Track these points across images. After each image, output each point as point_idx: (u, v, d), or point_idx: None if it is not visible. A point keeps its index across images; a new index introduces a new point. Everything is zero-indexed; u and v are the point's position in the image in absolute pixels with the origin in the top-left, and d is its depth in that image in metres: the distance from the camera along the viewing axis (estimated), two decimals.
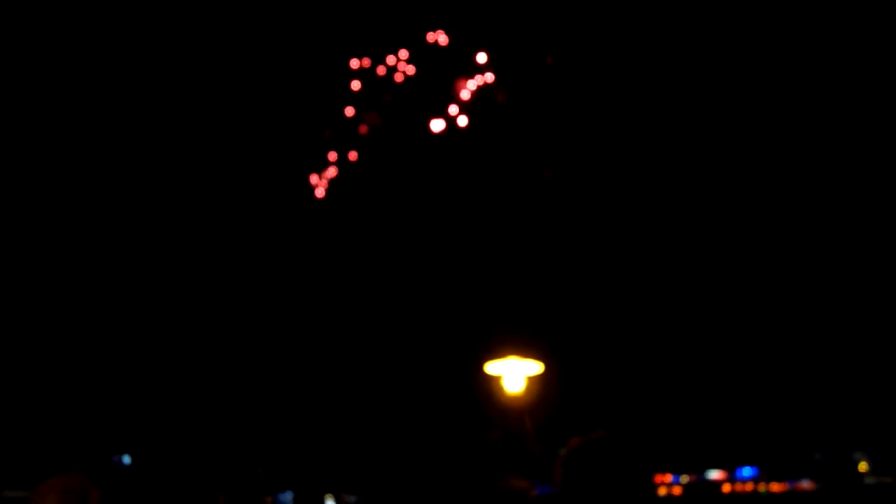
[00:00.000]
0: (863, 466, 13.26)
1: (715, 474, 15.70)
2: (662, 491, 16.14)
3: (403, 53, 12.00)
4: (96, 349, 12.59)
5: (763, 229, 12.82)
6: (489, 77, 12.17)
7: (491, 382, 11.33)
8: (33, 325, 12.36)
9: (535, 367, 11.45)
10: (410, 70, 12.22)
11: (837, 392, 13.05)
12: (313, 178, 12.30)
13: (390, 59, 12.11)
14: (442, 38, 12.34)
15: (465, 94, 12.30)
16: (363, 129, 12.44)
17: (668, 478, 16.24)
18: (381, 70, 12.13)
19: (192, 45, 11.67)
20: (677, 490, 16.02)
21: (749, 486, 15.31)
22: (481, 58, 11.99)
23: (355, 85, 12.10)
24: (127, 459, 12.90)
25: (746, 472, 14.45)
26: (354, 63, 11.95)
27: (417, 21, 12.06)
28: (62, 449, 12.53)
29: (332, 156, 12.22)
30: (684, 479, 16.21)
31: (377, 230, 12.48)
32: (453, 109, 12.23)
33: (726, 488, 15.64)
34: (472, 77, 12.16)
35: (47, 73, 11.47)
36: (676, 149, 12.40)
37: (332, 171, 12.37)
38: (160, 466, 12.55)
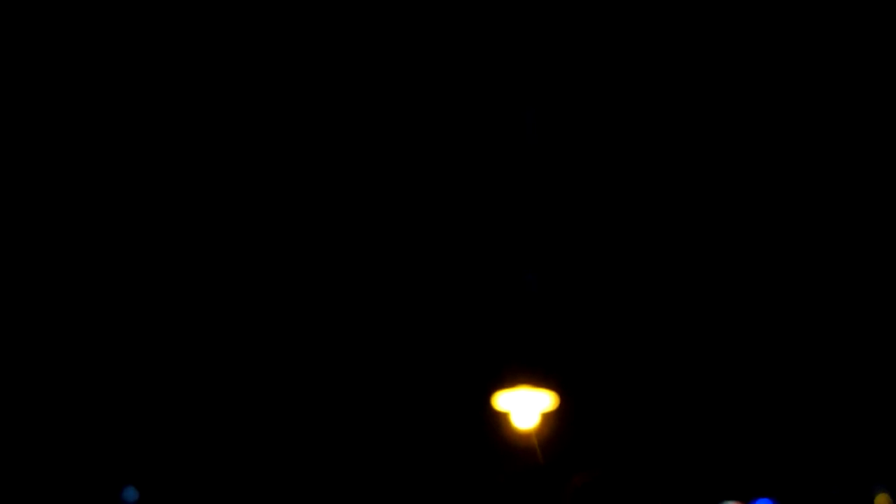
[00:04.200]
0: (882, 500, 13.08)
1: None
2: None
3: None
4: (102, 378, 12.53)
5: (779, 250, 12.74)
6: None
7: (500, 417, 11.19)
8: (35, 351, 12.31)
9: (549, 401, 11.30)
10: None
11: (857, 423, 12.94)
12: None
13: None
14: None
15: None
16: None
17: None
18: None
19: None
20: None
21: None
22: None
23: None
24: (133, 494, 12.80)
25: None
26: None
27: None
28: (68, 483, 12.44)
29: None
30: None
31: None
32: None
33: None
34: None
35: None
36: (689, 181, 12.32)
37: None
38: (168, 500, 12.45)
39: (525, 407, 10.71)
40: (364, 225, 12.55)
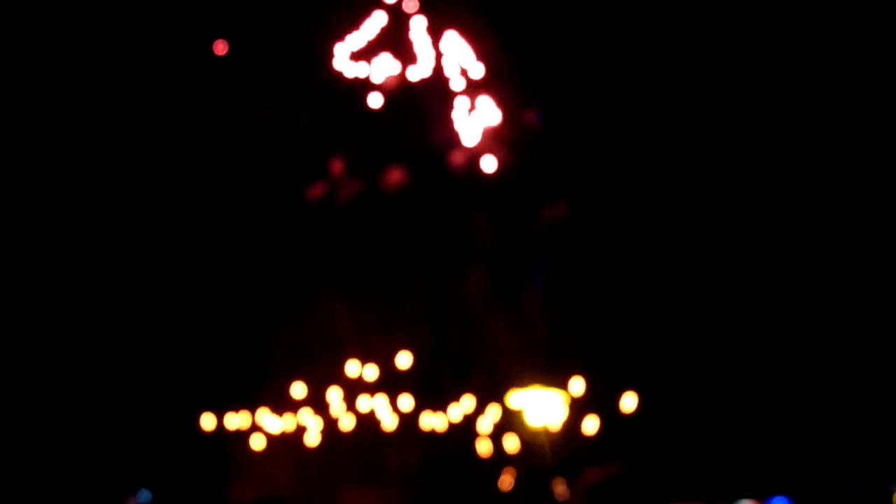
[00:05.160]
0: None
1: None
2: None
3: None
4: (114, 384, 12.51)
5: (792, 245, 12.70)
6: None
7: (512, 416, 11.14)
8: (47, 355, 12.29)
9: (560, 399, 11.28)
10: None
11: (873, 421, 12.88)
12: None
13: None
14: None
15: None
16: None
17: None
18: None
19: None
20: None
21: None
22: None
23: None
24: (147, 496, 12.79)
25: (779, 503, 14.20)
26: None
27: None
28: (84, 484, 12.44)
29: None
30: None
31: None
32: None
33: None
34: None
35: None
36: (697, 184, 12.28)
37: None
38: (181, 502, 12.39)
39: (538, 405, 10.68)
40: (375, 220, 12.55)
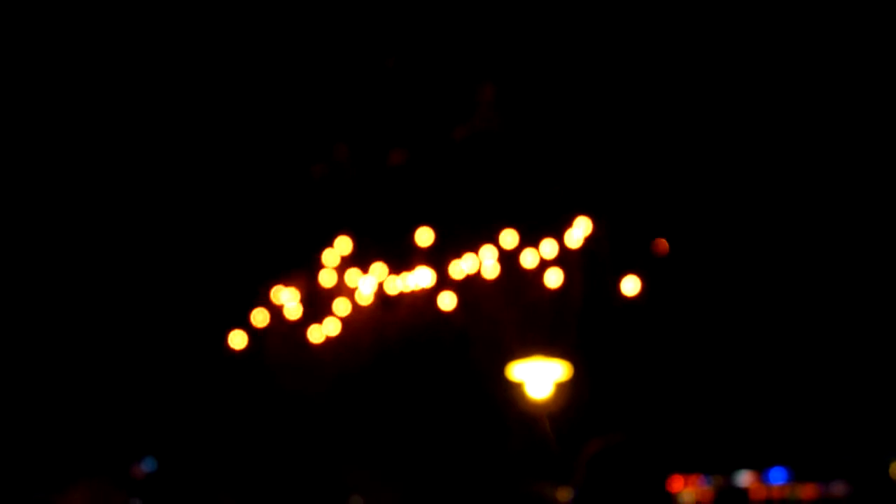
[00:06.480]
0: None
1: (745, 476, 15.57)
2: (692, 493, 15.92)
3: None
4: (118, 348, 12.55)
5: (790, 229, 12.73)
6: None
7: (513, 387, 11.18)
8: (49, 324, 12.31)
9: (562, 371, 11.33)
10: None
11: (872, 392, 12.93)
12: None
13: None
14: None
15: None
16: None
17: (699, 478, 16.06)
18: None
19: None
20: (708, 494, 15.77)
21: (780, 491, 15.04)
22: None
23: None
24: (152, 464, 12.87)
25: (777, 473, 14.31)
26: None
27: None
28: (87, 453, 12.51)
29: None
30: (717, 480, 16.01)
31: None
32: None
33: (757, 494, 15.36)
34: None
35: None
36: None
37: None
38: (186, 471, 12.50)
39: (539, 377, 10.73)
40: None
